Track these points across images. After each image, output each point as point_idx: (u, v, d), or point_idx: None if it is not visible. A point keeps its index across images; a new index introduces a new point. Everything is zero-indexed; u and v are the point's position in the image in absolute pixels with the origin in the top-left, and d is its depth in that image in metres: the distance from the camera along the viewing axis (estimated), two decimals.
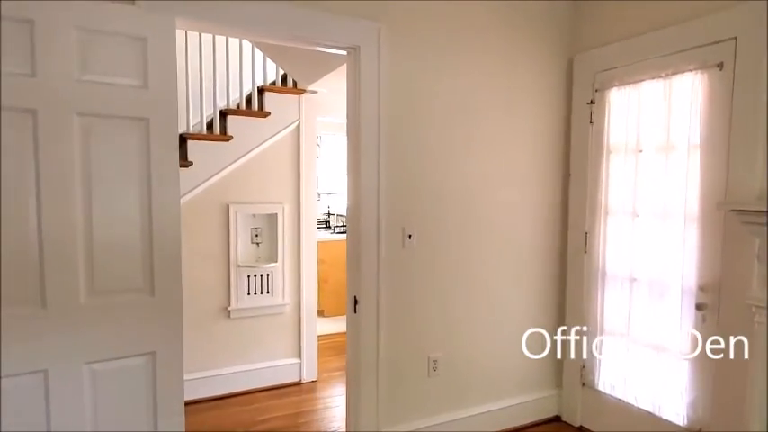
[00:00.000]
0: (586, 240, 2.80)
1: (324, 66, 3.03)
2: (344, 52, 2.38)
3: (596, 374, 2.75)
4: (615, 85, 2.61)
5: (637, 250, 2.52)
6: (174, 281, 1.94)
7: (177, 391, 1.98)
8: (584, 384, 2.83)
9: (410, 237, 2.49)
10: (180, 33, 3.24)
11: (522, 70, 2.77)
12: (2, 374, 1.66)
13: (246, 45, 3.55)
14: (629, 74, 2.53)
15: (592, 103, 2.74)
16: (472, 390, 2.73)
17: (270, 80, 3.76)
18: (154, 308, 1.90)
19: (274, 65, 3.68)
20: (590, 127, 2.76)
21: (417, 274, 2.54)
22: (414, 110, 2.49)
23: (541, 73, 2.83)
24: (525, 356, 2.76)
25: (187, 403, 3.12)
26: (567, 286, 2.94)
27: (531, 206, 2.86)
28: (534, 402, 2.92)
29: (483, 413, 2.74)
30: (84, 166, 1.76)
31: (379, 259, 2.41)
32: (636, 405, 2.53)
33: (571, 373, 2.91)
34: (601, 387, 2.73)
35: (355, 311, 2.42)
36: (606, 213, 2.70)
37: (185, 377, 3.20)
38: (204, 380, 3.29)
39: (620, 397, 2.62)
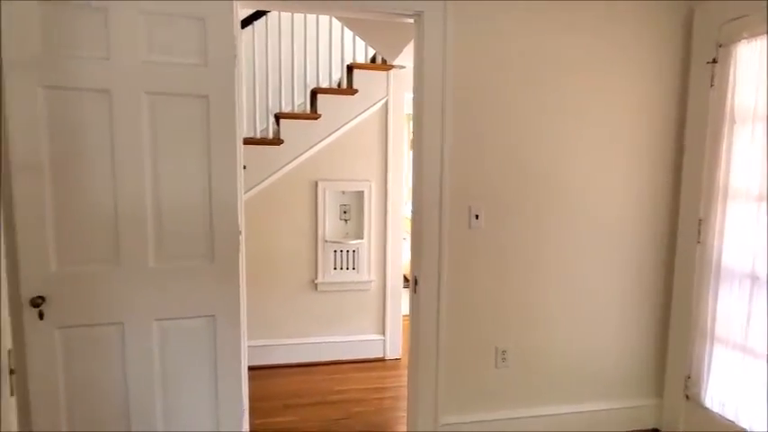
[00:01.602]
0: (700, 228, 2.35)
1: (404, 36, 2.92)
2: (411, 20, 2.27)
3: (703, 388, 2.32)
4: (744, 38, 2.11)
5: (762, 242, 2.04)
6: (233, 249, 2.04)
7: (236, 354, 2.09)
8: (688, 397, 2.41)
9: (477, 217, 2.32)
10: (273, 15, 3.39)
11: (622, 25, 2.38)
12: (90, 323, 1.92)
13: (336, 24, 3.59)
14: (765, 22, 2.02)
15: (714, 62, 2.26)
16: (549, 387, 2.49)
17: (360, 59, 3.76)
18: (214, 274, 2.03)
19: (363, 44, 3.67)
20: (710, 91, 2.28)
21: (485, 257, 2.36)
22: (484, 76, 2.29)
23: (648, 26, 2.40)
24: (618, 358, 2.45)
25: (274, 367, 3.37)
26: (675, 282, 2.51)
27: (631, 187, 2.48)
28: (627, 411, 2.57)
29: (561, 414, 2.49)
30: (152, 142, 1.92)
31: (441, 239, 2.29)
32: None
33: (674, 382, 2.50)
34: (708, 403, 2.30)
35: (415, 292, 2.34)
36: (726, 197, 2.23)
37: (274, 343, 3.45)
38: (291, 347, 3.49)
39: (730, 419, 2.19)
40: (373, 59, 3.71)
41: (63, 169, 1.84)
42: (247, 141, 3.28)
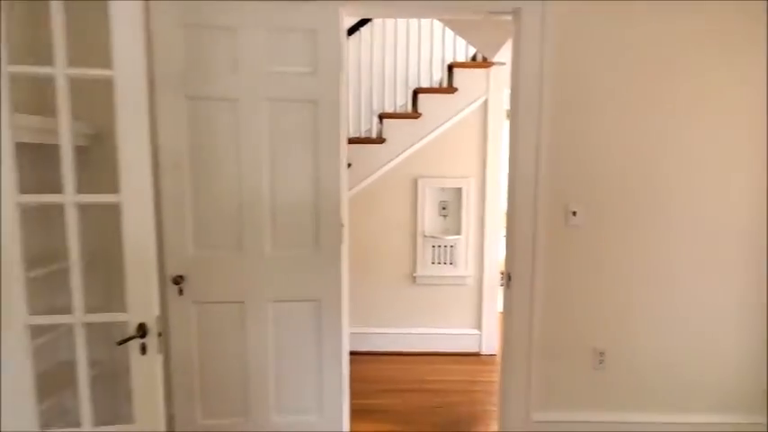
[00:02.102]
0: None
1: (503, 33, 2.94)
2: (509, 17, 2.30)
3: None
4: None
5: None
6: (336, 239, 2.24)
7: (337, 336, 2.29)
8: None
9: (574, 214, 2.28)
10: (378, 21, 3.57)
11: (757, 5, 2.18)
12: (218, 300, 2.23)
13: (437, 25, 3.68)
14: None
15: None
16: (650, 394, 2.38)
17: (460, 57, 3.82)
18: (319, 262, 2.24)
19: (464, 42, 3.72)
20: None
21: (583, 255, 2.32)
22: (583, 73, 2.24)
23: None
24: (732, 370, 2.27)
25: (373, 354, 3.57)
26: None
27: (748, 189, 2.27)
28: (742, 427, 2.36)
29: (663, 423, 2.36)
30: (270, 142, 2.17)
31: (536, 236, 2.29)
32: None
33: None
34: None
35: (509, 288, 2.37)
36: None
37: (374, 331, 3.64)
38: (390, 336, 3.67)
39: None
40: (474, 57, 3.75)
41: (199, 168, 2.16)
42: (352, 141, 3.52)
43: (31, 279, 1.53)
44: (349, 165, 3.48)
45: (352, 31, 3.55)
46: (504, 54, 3.22)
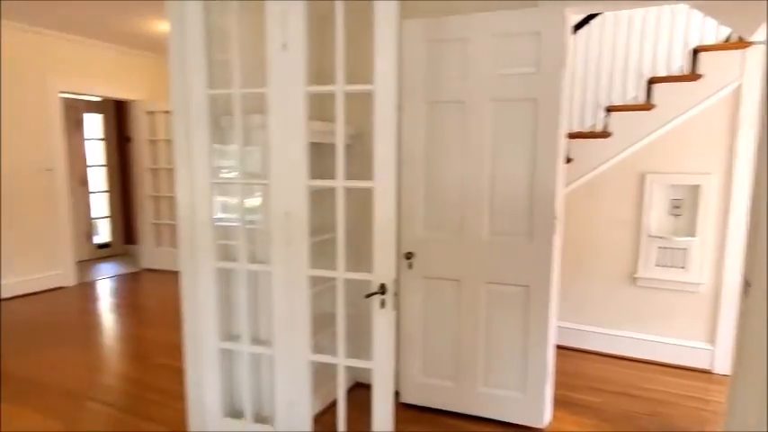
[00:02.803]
0: None
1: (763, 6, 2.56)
2: None
3: None
4: None
5: None
6: (549, 231, 2.35)
7: (543, 323, 2.42)
8: None
9: None
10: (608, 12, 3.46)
11: None
12: (439, 277, 2.59)
13: (679, 8, 3.35)
14: None
15: None
16: None
17: (708, 40, 3.39)
18: (531, 250, 2.39)
19: (712, 23, 3.30)
20: None
21: None
22: None
23: None
24: None
25: (584, 351, 3.55)
26: None
27: None
28: None
29: None
30: (492, 139, 2.41)
31: None
32: None
33: None
34: None
35: (746, 295, 2.12)
36: None
37: (586, 328, 3.61)
38: (603, 336, 3.56)
39: None
40: (728, 39, 3.30)
41: (431, 161, 2.52)
42: (574, 136, 3.50)
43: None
44: (569, 160, 3.49)
45: (581, 25, 3.50)
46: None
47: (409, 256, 2.60)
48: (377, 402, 1.95)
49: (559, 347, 3.57)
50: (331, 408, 2.62)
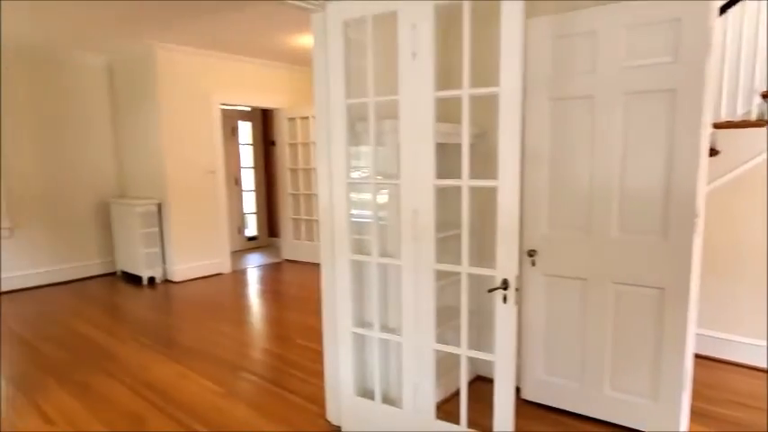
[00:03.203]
0: None
1: None
2: None
3: None
4: None
5: None
6: (688, 230, 2.20)
7: (681, 330, 2.26)
8: None
9: None
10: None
11: None
12: (563, 275, 2.56)
13: None
14: None
15: None
16: None
17: None
18: (666, 251, 2.26)
19: None
20: None
21: None
22: None
23: None
24: None
25: (724, 362, 3.25)
26: None
27: None
28: None
29: None
30: (622, 134, 2.32)
31: None
32: None
33: None
34: None
35: None
36: None
37: (731, 338, 3.28)
38: (750, 347, 3.19)
39: None
40: None
41: (556, 158, 2.51)
42: (721, 126, 3.18)
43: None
44: (715, 152, 3.17)
45: (731, 3, 3.15)
46: None
47: (532, 253, 2.61)
48: (498, 395, 2.02)
49: (701, 357, 3.28)
50: (453, 397, 2.74)
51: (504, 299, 1.95)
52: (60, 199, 5.69)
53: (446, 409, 2.54)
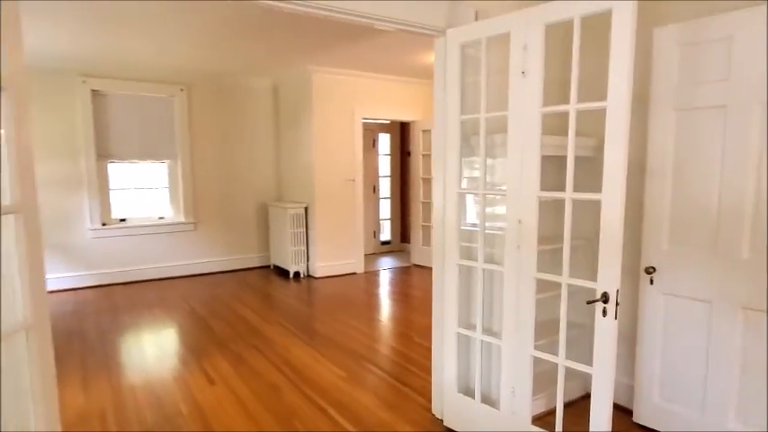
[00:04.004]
0: None
1: None
2: None
3: None
4: None
5: None
6: None
7: None
8: None
9: None
10: None
11: None
12: (684, 296, 2.42)
13: None
14: None
15: None
16: None
17: None
18: None
19: None
20: None
21: None
22: None
23: None
24: None
25: None
26: None
27: None
28: None
29: None
30: (759, 146, 2.14)
31: None
32: None
33: None
34: None
35: None
36: None
37: None
38: None
39: None
40: None
41: (679, 172, 2.39)
42: None
43: (539, 251, 2.29)
44: None
45: None
46: None
47: (650, 270, 2.50)
48: (595, 407, 2.02)
49: None
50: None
51: (604, 312, 1.96)
52: (230, 200, 6.76)
53: (548, 419, 2.56)
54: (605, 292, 1.95)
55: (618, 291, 1.93)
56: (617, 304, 1.94)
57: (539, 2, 2.08)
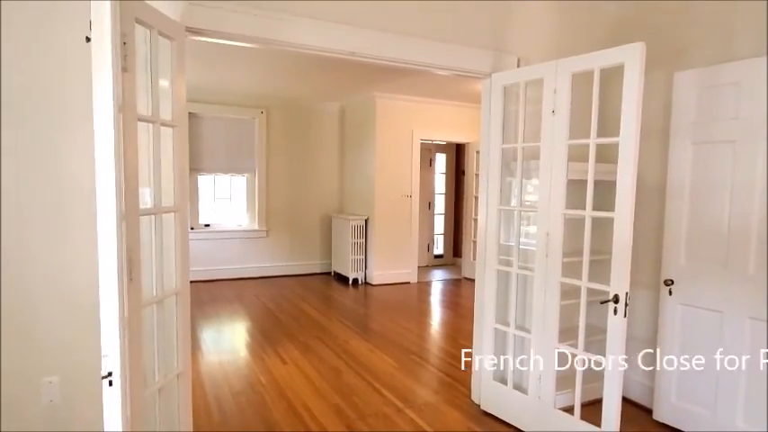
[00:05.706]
0: None
1: None
2: None
3: None
4: None
5: None
6: None
7: None
8: None
9: None
10: None
11: None
12: (698, 306, 2.73)
13: None
14: None
15: None
16: None
17: None
18: None
19: None
20: None
21: None
22: None
23: None
24: None
25: None
26: None
27: None
28: None
29: None
30: (762, 176, 2.46)
31: None
32: None
33: None
34: None
35: None
36: None
37: None
38: None
39: None
40: None
41: (696, 196, 2.73)
42: None
43: (565, 263, 2.69)
44: None
45: None
46: None
47: (669, 282, 2.84)
48: (606, 394, 2.40)
49: None
50: (585, 405, 3.08)
51: (615, 311, 2.35)
52: (298, 211, 7.48)
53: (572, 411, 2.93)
54: (616, 294, 2.34)
55: (627, 293, 2.32)
56: (626, 305, 2.33)
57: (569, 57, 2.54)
